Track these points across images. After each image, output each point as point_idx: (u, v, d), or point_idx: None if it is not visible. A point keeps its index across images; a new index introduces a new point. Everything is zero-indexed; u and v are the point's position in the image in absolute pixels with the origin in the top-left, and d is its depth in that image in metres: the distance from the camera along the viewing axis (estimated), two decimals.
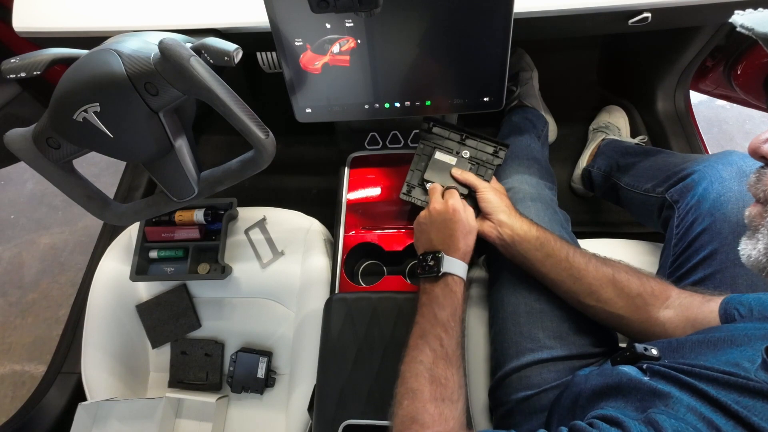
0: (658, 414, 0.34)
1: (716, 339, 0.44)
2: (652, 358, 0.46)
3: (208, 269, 0.86)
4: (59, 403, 0.92)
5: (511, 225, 0.66)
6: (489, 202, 0.70)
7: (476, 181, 0.74)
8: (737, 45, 0.95)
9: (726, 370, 0.35)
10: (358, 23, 0.64)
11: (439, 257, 0.64)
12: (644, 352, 0.47)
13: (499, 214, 0.68)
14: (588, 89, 1.35)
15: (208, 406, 0.82)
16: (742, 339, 0.41)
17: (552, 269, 0.63)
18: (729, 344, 0.42)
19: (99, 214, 0.60)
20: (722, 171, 0.66)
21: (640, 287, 0.59)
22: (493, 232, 0.68)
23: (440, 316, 0.60)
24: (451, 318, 0.60)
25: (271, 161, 0.56)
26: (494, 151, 0.80)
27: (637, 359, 0.47)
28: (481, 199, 0.71)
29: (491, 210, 0.69)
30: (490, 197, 0.70)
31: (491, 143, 0.81)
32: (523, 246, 0.65)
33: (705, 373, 0.36)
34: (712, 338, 0.44)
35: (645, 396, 0.38)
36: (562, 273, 0.62)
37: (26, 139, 0.53)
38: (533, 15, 0.67)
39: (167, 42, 0.47)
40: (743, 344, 0.40)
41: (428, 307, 0.61)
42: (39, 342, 1.41)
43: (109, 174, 1.65)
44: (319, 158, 1.34)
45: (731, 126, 1.60)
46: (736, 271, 0.60)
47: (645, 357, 0.47)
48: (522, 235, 0.65)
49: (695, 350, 0.45)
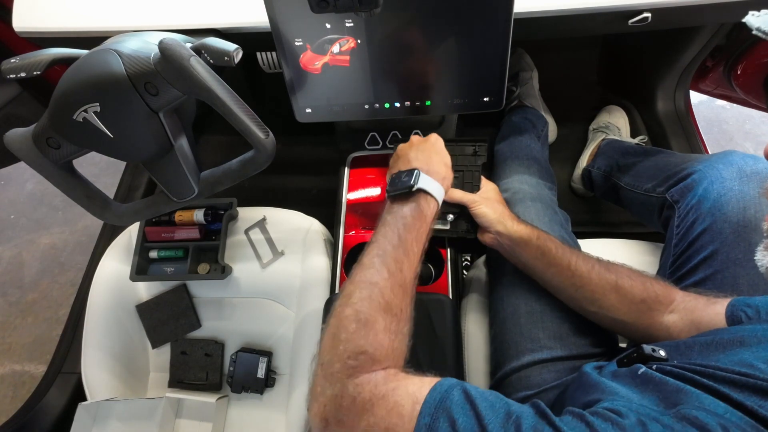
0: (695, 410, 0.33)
1: (725, 341, 0.43)
2: (660, 360, 0.45)
3: (208, 269, 0.86)
4: (59, 403, 0.92)
5: (509, 235, 0.64)
6: (483, 217, 0.67)
7: (464, 197, 0.69)
8: (737, 45, 0.95)
9: (741, 371, 0.34)
10: (358, 23, 0.64)
11: (414, 172, 0.58)
12: (652, 353, 0.46)
13: (496, 226, 0.65)
14: (588, 89, 1.35)
15: (208, 406, 0.82)
16: (752, 340, 0.41)
17: (553, 277, 0.63)
18: (739, 345, 0.41)
19: (99, 214, 0.60)
20: (723, 171, 0.66)
21: (644, 293, 0.58)
22: (494, 243, 0.68)
23: (405, 238, 0.53)
24: (415, 242, 0.54)
25: (271, 161, 0.56)
26: (473, 150, 0.77)
27: (644, 360, 0.46)
28: (475, 215, 0.68)
29: (487, 224, 0.67)
30: (482, 211, 0.67)
31: (468, 143, 0.77)
32: (524, 255, 0.64)
33: (720, 374, 0.35)
34: (720, 340, 0.44)
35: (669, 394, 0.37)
36: (564, 281, 0.61)
37: (26, 139, 0.53)
38: (533, 15, 0.67)
39: (167, 42, 0.47)
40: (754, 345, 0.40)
41: (392, 227, 0.54)
42: (39, 342, 1.42)
43: (109, 174, 1.65)
44: (319, 158, 1.34)
45: (731, 126, 1.60)
46: (737, 271, 0.60)
47: (653, 358, 0.46)
48: (522, 244, 0.64)
49: (703, 352, 0.44)
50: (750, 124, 1.59)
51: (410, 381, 0.41)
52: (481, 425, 0.36)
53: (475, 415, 0.36)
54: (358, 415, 0.40)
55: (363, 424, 0.39)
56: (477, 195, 0.69)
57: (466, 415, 0.36)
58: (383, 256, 0.51)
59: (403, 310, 0.49)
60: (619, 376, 0.45)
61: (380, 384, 0.41)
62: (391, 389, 0.41)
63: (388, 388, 0.41)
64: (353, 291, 0.48)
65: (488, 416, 0.36)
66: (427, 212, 0.57)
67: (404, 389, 0.40)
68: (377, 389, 0.41)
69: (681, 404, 0.35)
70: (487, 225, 0.67)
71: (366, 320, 0.45)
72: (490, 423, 0.35)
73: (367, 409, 0.40)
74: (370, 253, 0.52)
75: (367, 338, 0.44)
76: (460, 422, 0.36)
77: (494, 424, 0.35)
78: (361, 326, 0.45)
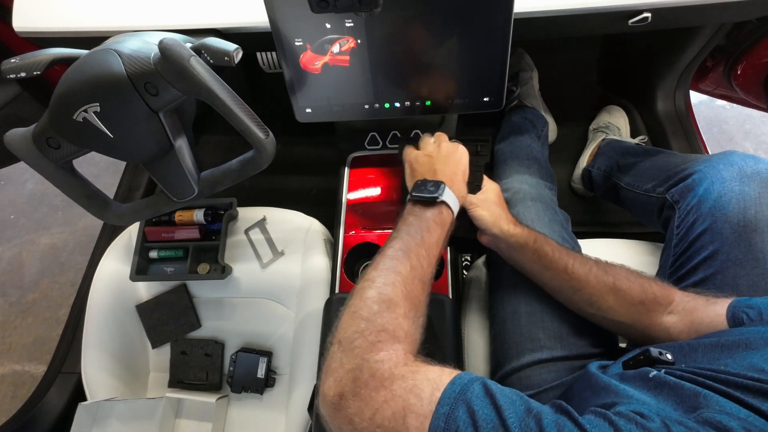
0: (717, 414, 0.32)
1: (730, 343, 0.43)
2: (667, 363, 0.45)
3: (208, 269, 0.86)
4: (59, 403, 0.92)
5: (507, 239, 0.64)
6: (479, 220, 0.67)
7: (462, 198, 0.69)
8: (737, 45, 0.95)
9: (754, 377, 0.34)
10: (358, 23, 0.64)
11: (440, 184, 0.60)
12: (659, 356, 0.45)
13: (492, 229, 0.65)
14: (588, 89, 1.35)
15: (208, 406, 0.82)
16: (758, 343, 0.40)
17: (551, 280, 0.63)
18: (745, 348, 0.41)
19: (99, 214, 0.60)
20: (723, 171, 0.65)
21: (642, 294, 0.57)
22: (491, 245, 0.68)
23: (427, 239, 0.55)
24: (434, 246, 0.56)
25: (271, 161, 0.56)
26: (476, 150, 0.75)
27: (651, 363, 0.45)
28: (472, 218, 0.68)
29: (484, 227, 0.67)
30: (479, 214, 0.67)
31: (470, 142, 0.75)
32: (521, 258, 0.64)
33: (733, 380, 0.35)
34: (725, 342, 0.43)
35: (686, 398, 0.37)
36: (562, 284, 0.62)
37: (26, 139, 0.53)
38: (533, 15, 0.67)
39: (167, 42, 0.47)
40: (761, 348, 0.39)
41: (416, 228, 0.56)
42: (39, 342, 1.42)
43: (109, 174, 1.65)
44: (319, 158, 1.34)
45: (731, 126, 1.60)
46: (737, 272, 0.60)
47: (660, 361, 0.45)
48: (518, 248, 0.64)
49: (709, 355, 0.44)
50: (750, 124, 1.59)
51: (430, 368, 0.41)
52: (500, 417, 0.35)
53: (494, 407, 0.36)
54: (375, 390, 0.39)
55: (380, 398, 0.39)
56: (475, 197, 0.69)
57: (485, 407, 0.36)
58: (407, 250, 0.52)
59: (421, 302, 0.50)
60: (627, 378, 0.45)
61: (400, 364, 0.41)
62: (411, 371, 0.40)
63: (408, 370, 0.41)
64: (377, 276, 0.49)
65: (508, 409, 0.36)
66: (446, 221, 0.59)
67: (424, 374, 0.40)
68: (397, 369, 0.41)
69: (701, 408, 0.34)
70: (483, 228, 0.67)
71: (389, 303, 0.46)
72: (510, 416, 0.35)
73: (386, 385, 0.39)
74: (393, 246, 0.53)
75: (388, 318, 0.45)
76: (480, 413, 0.35)
77: (514, 417, 0.35)
78: (384, 308, 0.46)
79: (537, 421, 0.34)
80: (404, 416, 0.37)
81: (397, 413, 0.38)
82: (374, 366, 0.41)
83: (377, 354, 0.42)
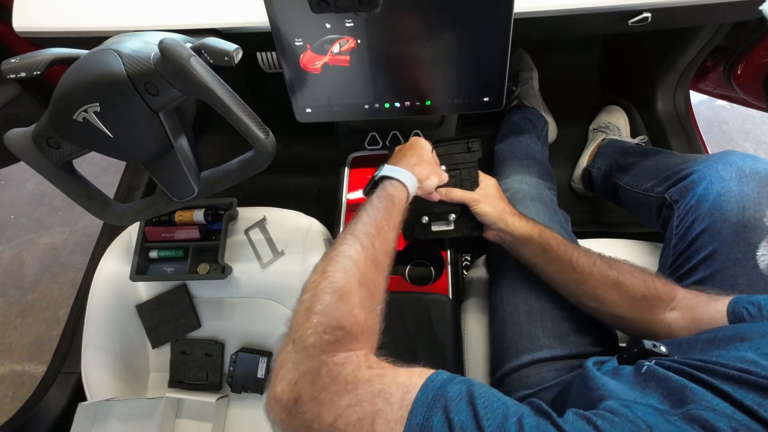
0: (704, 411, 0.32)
1: (726, 337, 0.43)
2: (660, 355, 0.45)
3: (208, 269, 0.86)
4: (59, 403, 0.92)
5: (511, 232, 0.65)
6: (484, 215, 0.67)
7: (463, 196, 0.69)
8: (737, 45, 0.95)
9: (742, 368, 0.34)
10: (358, 23, 0.64)
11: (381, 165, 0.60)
12: (653, 348, 0.46)
13: (498, 224, 0.66)
14: (588, 89, 1.35)
15: (208, 406, 0.82)
16: (753, 335, 0.40)
17: (555, 273, 0.63)
18: (740, 341, 0.41)
19: (99, 214, 0.60)
20: (722, 171, 0.66)
21: (645, 289, 0.58)
22: (497, 239, 0.69)
23: (375, 216, 0.54)
24: (385, 221, 0.54)
25: (271, 161, 0.56)
26: (467, 147, 0.75)
27: (645, 356, 0.45)
28: (476, 214, 0.69)
29: (489, 222, 0.67)
30: (483, 210, 0.67)
31: (460, 141, 0.76)
32: (526, 251, 0.65)
33: (720, 370, 0.34)
34: (723, 336, 0.43)
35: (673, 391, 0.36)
36: (566, 277, 0.62)
37: (26, 139, 0.53)
38: (533, 15, 0.67)
39: (167, 42, 0.48)
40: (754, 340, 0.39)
41: (363, 212, 0.55)
42: (39, 342, 1.42)
43: (109, 174, 1.65)
44: (319, 158, 1.34)
45: (731, 126, 1.60)
46: (737, 272, 0.60)
47: (653, 353, 0.45)
48: (523, 241, 0.64)
49: (705, 349, 0.44)
50: (750, 124, 1.59)
51: (398, 371, 0.39)
52: (479, 425, 0.34)
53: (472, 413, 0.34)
54: (338, 394, 0.37)
55: (343, 403, 0.37)
56: (476, 193, 0.69)
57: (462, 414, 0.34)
58: (355, 233, 0.51)
59: (376, 286, 0.48)
60: (620, 373, 0.44)
61: (363, 367, 0.39)
62: (376, 375, 0.38)
63: (373, 373, 0.38)
64: (327, 265, 0.47)
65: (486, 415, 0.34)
66: (394, 194, 0.57)
67: (392, 378, 0.38)
68: (360, 372, 0.38)
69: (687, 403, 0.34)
70: (488, 223, 0.68)
71: (341, 292, 0.43)
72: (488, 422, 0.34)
73: (349, 389, 0.37)
74: (342, 234, 0.52)
75: (343, 311, 0.42)
76: (456, 421, 0.34)
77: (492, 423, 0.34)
78: (336, 298, 0.43)
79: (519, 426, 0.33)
80: (372, 422, 0.35)
81: (364, 419, 0.36)
82: (334, 369, 0.38)
83: (335, 355, 0.40)
